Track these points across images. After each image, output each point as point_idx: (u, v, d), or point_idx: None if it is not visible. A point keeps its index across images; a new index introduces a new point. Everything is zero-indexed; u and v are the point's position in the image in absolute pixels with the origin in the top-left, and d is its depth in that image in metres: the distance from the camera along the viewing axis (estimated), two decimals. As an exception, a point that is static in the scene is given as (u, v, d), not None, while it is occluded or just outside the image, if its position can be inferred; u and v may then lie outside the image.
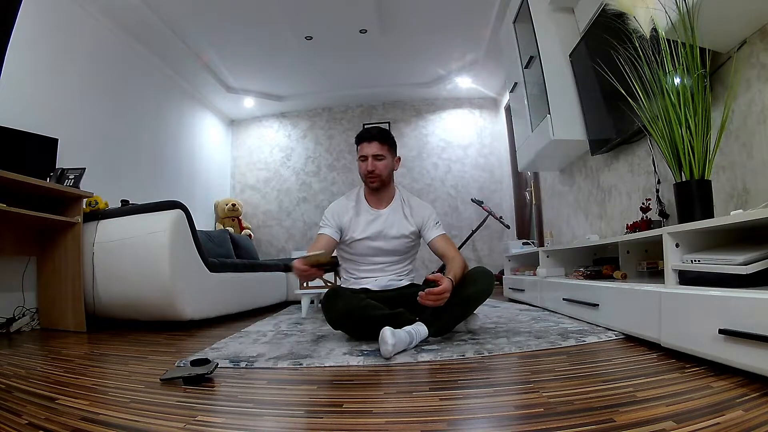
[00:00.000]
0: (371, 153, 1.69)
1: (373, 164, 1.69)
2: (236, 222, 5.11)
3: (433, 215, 1.79)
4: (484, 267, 1.70)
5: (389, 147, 1.73)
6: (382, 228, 1.74)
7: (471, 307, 1.58)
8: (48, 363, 1.43)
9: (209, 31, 3.72)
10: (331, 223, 1.75)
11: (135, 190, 3.26)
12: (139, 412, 0.86)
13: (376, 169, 1.70)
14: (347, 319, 1.51)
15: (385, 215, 1.76)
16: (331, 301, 1.53)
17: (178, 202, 2.35)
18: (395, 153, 1.79)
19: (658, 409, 0.73)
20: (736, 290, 0.95)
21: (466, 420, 0.78)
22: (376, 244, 1.74)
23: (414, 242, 1.81)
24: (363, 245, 1.75)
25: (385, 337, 1.26)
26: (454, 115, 5.51)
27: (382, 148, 1.70)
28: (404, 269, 1.82)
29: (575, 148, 2.81)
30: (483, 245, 5.23)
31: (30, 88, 2.60)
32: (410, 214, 1.78)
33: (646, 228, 1.74)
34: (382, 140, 1.71)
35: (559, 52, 2.67)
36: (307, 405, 0.92)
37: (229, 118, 5.65)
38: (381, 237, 1.73)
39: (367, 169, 1.70)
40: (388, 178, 1.76)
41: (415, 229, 1.77)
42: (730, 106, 1.47)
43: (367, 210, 1.77)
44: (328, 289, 1.59)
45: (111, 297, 2.30)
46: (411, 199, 1.85)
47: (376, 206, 1.78)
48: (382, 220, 1.75)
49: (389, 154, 1.74)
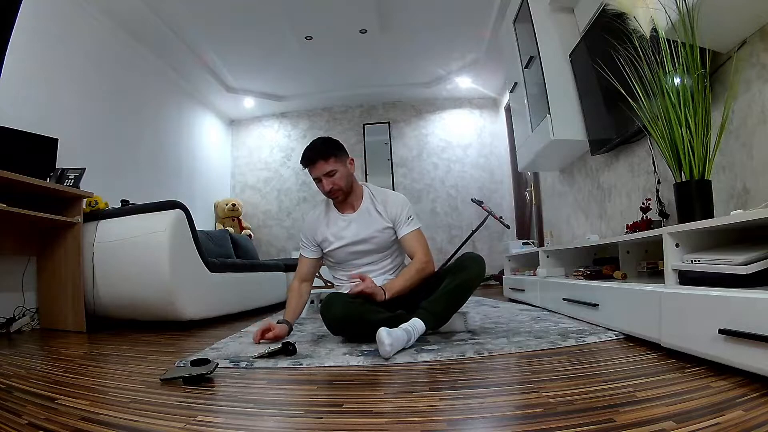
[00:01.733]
0: (321, 174, 1.64)
1: (328, 182, 1.64)
2: (236, 222, 5.11)
3: (407, 209, 1.72)
4: (473, 253, 1.67)
5: (335, 158, 1.65)
6: (357, 231, 1.70)
7: (464, 293, 1.55)
8: (48, 363, 1.43)
9: (209, 31, 3.72)
10: (306, 243, 1.78)
11: (135, 190, 3.26)
12: (139, 412, 0.86)
13: (334, 185, 1.65)
14: (346, 324, 1.50)
15: (356, 218, 1.72)
16: (328, 308, 1.51)
17: (178, 202, 2.35)
18: (345, 157, 1.71)
19: (658, 409, 0.73)
20: (736, 290, 0.95)
21: (466, 420, 0.78)
22: (355, 248, 1.72)
23: (395, 234, 1.75)
24: (342, 252, 1.73)
25: (381, 338, 1.25)
26: (454, 115, 5.51)
27: (328, 163, 1.63)
28: (392, 264, 1.78)
29: (575, 148, 2.81)
30: (483, 245, 5.22)
31: (30, 88, 2.60)
32: (383, 210, 1.72)
33: (646, 228, 1.74)
34: (326, 157, 1.63)
35: (559, 52, 2.67)
36: (307, 405, 0.92)
37: (229, 118, 5.65)
38: (358, 241, 1.71)
39: (325, 189, 1.66)
40: (348, 186, 1.70)
41: (390, 224, 1.71)
42: (730, 106, 1.47)
43: (337, 217, 1.74)
44: (326, 296, 1.58)
45: (111, 297, 2.30)
46: (381, 193, 1.78)
47: (347, 211, 1.75)
48: (355, 224, 1.72)
49: (339, 164, 1.66)
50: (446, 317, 1.55)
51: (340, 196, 1.70)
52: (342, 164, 1.67)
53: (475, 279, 1.56)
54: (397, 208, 1.72)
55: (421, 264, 1.62)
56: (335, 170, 1.64)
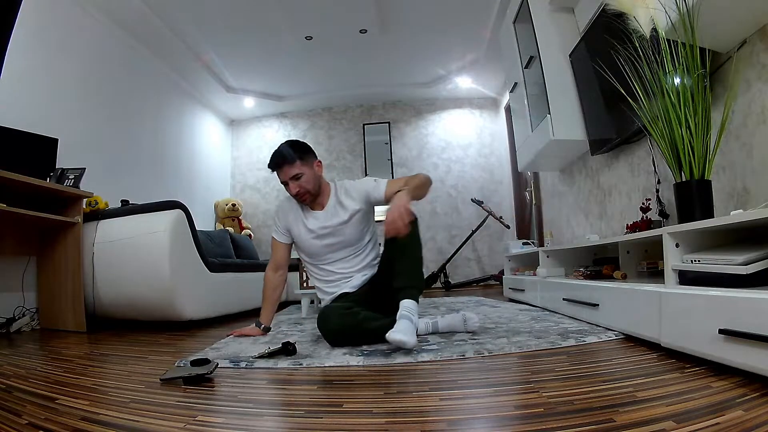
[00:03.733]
0: (288, 177, 1.64)
1: (295, 186, 1.64)
2: (236, 222, 5.11)
3: (371, 180, 1.70)
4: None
5: (301, 161, 1.65)
6: (325, 223, 1.70)
7: (415, 249, 1.55)
8: (48, 363, 1.43)
9: (209, 32, 3.72)
10: (279, 225, 1.79)
11: (135, 190, 3.26)
12: (139, 412, 0.86)
13: (301, 188, 1.65)
14: (345, 336, 1.47)
15: (323, 214, 1.72)
16: (325, 322, 1.49)
17: (178, 202, 2.35)
18: (312, 159, 1.70)
19: (658, 409, 0.73)
20: (736, 290, 0.95)
21: (466, 420, 0.78)
22: (325, 241, 1.71)
23: (363, 219, 1.73)
24: (314, 245, 1.72)
25: (395, 339, 1.27)
26: (454, 115, 5.51)
27: (294, 167, 1.63)
28: (366, 261, 1.76)
29: (575, 148, 2.81)
30: (483, 245, 5.23)
31: (30, 88, 2.60)
32: (348, 198, 1.71)
33: (646, 228, 1.74)
34: (291, 161, 1.63)
35: (559, 52, 2.67)
36: (307, 405, 0.92)
37: (229, 118, 5.65)
38: (326, 234, 1.70)
39: (293, 193, 1.67)
40: (316, 188, 1.70)
41: (360, 205, 1.69)
42: (730, 106, 1.46)
43: (308, 213, 1.74)
44: (320, 311, 1.57)
45: (111, 297, 2.30)
46: (345, 184, 1.77)
47: (316, 209, 1.75)
48: (323, 218, 1.71)
49: (305, 166, 1.66)
50: (419, 279, 1.55)
51: (308, 199, 1.69)
52: (309, 167, 1.67)
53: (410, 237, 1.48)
54: (362, 186, 1.70)
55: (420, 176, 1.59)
56: (301, 173, 1.64)
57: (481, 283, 5.00)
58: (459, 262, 5.13)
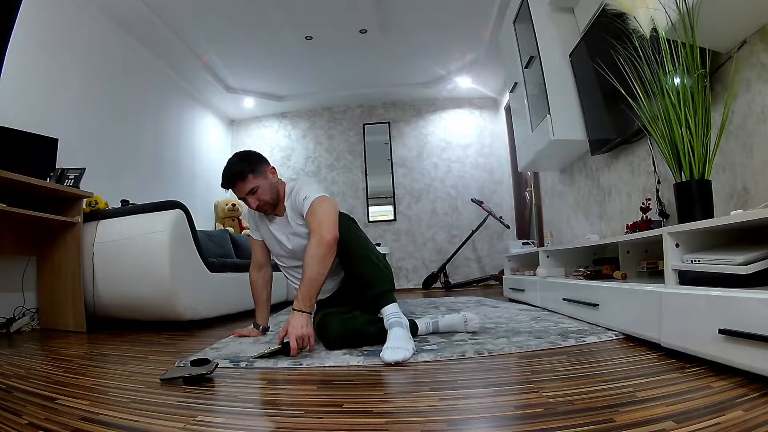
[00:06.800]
0: (244, 194, 1.58)
1: (253, 200, 1.58)
2: (236, 222, 5.10)
3: (303, 190, 1.55)
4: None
5: (253, 174, 1.58)
6: (286, 231, 1.65)
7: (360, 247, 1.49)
8: (48, 363, 1.43)
9: (209, 32, 3.72)
10: (251, 223, 1.79)
11: (135, 190, 3.26)
12: (139, 412, 0.86)
13: (260, 201, 1.58)
14: (345, 341, 1.45)
15: (281, 221, 1.67)
16: (325, 329, 1.47)
17: (178, 202, 2.35)
18: (264, 168, 1.63)
19: (658, 409, 0.73)
20: (736, 290, 0.95)
21: (466, 420, 0.78)
22: (281, 249, 1.68)
23: None
24: (282, 249, 1.68)
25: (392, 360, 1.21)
26: (454, 115, 5.51)
27: (247, 181, 1.56)
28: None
29: (575, 148, 2.81)
30: (483, 245, 5.23)
31: (30, 88, 2.60)
32: (296, 210, 1.59)
33: (646, 228, 1.74)
34: (242, 176, 1.56)
35: (559, 52, 2.67)
36: (307, 405, 0.92)
37: (229, 118, 5.65)
38: (291, 237, 1.64)
39: (252, 208, 1.62)
40: (275, 197, 1.62)
41: (301, 219, 1.58)
42: (730, 106, 1.47)
43: (272, 217, 1.69)
44: (317, 319, 1.54)
45: (111, 297, 2.30)
46: (293, 194, 1.61)
47: (278, 214, 1.69)
48: (284, 223, 1.66)
49: (259, 178, 1.59)
50: (386, 275, 1.49)
51: (269, 210, 1.64)
52: (262, 177, 1.60)
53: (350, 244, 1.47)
54: (297, 197, 1.56)
55: (314, 242, 1.39)
56: (257, 186, 1.57)
57: (481, 283, 5.00)
58: (459, 262, 5.13)
